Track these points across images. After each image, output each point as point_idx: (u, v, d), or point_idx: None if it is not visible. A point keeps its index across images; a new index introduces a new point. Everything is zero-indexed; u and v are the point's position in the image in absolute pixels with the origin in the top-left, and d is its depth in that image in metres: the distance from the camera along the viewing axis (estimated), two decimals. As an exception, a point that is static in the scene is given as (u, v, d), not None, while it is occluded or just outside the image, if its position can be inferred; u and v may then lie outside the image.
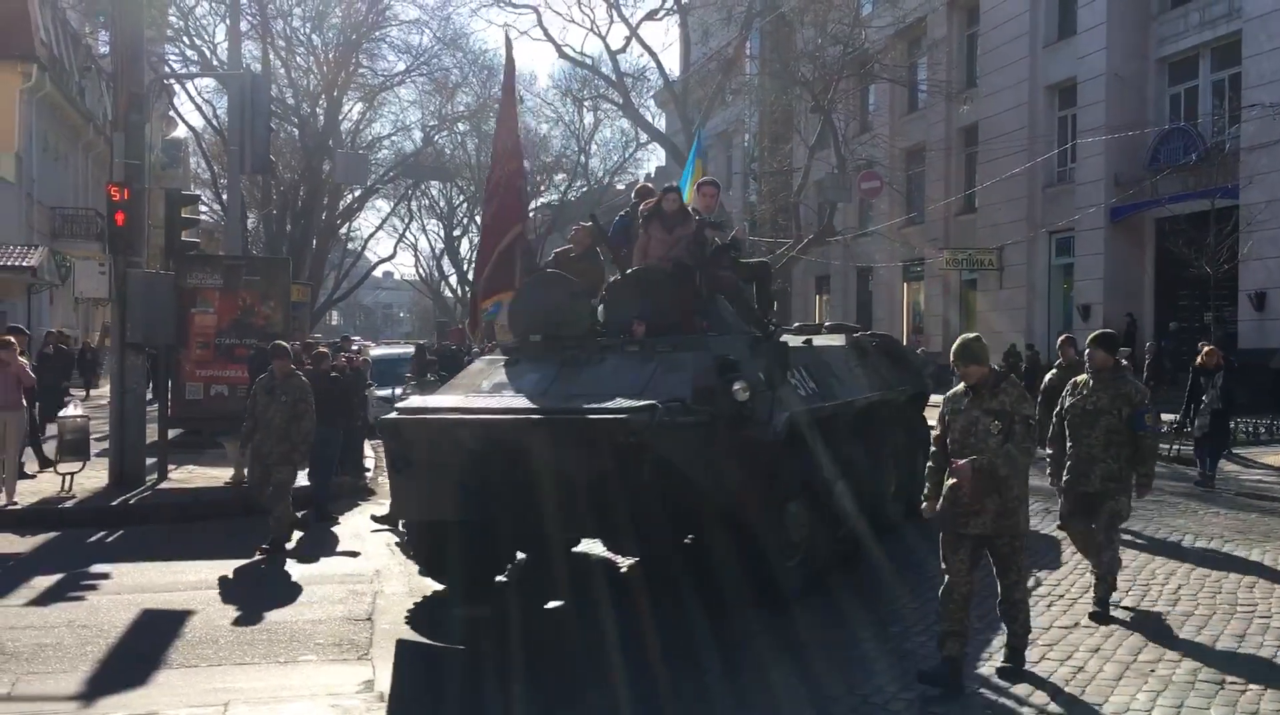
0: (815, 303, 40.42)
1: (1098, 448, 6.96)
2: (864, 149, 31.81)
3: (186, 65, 31.62)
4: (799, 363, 8.19)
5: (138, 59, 12.94)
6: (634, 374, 7.21)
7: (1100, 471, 6.96)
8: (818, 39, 27.78)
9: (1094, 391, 7.05)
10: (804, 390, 7.97)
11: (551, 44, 31.91)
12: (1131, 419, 6.90)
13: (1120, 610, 7.13)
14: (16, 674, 6.19)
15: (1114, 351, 7.15)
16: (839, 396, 8.67)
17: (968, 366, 5.77)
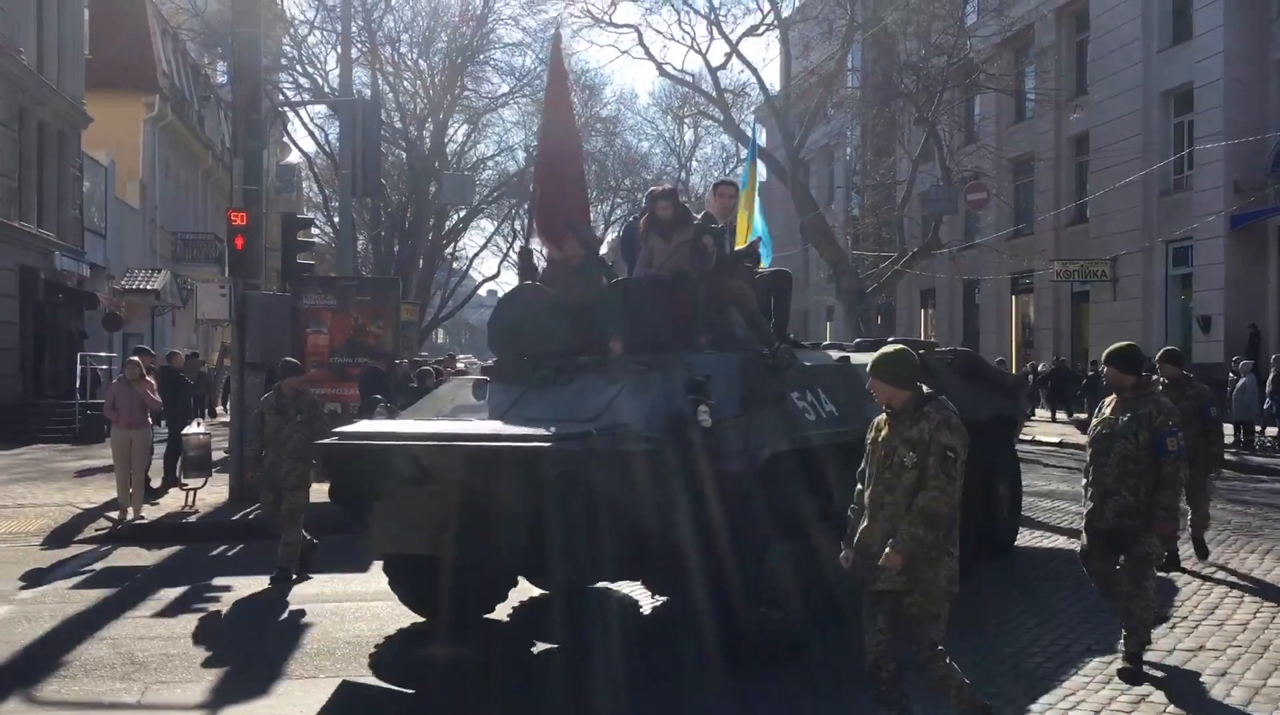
0: (920, 317, 39.81)
1: (1111, 478, 6.05)
2: (970, 160, 31.29)
3: (299, 93, 32.63)
4: (818, 384, 7.36)
5: (256, 89, 13.41)
6: (598, 396, 6.46)
7: (1113, 506, 6.04)
8: (921, 50, 27.44)
9: (1115, 413, 6.17)
10: (817, 413, 7.16)
11: (652, 62, 31.99)
12: (1152, 444, 5.94)
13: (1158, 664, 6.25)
14: (145, 683, 6.43)
15: (1131, 368, 6.27)
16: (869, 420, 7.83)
17: (886, 386, 4.86)
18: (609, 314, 7.42)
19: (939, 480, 4.64)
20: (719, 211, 8.21)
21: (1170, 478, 5.95)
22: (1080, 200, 29.94)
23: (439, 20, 34.62)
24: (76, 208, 27.58)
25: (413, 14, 34.82)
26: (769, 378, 6.91)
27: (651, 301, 7.48)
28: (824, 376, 7.55)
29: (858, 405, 7.37)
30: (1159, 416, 6.00)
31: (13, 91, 23.74)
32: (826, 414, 7.21)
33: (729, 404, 6.42)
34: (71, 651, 7.12)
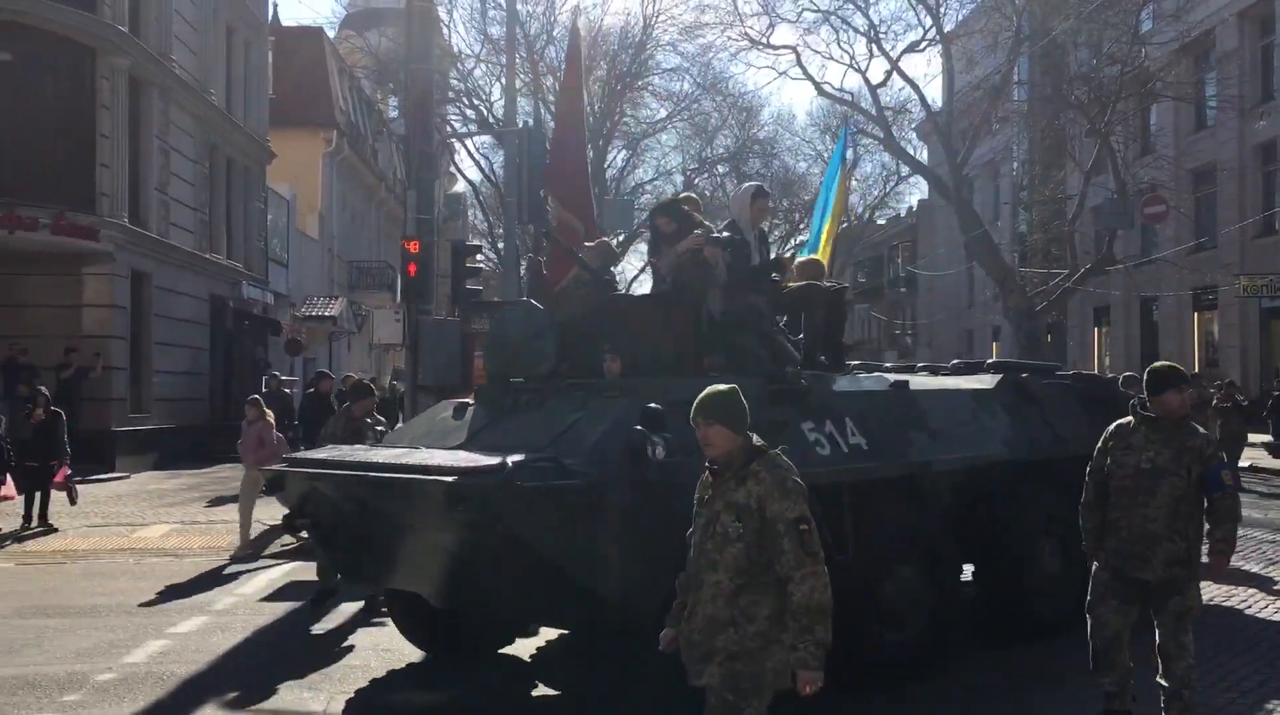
0: (1093, 336, 38.27)
1: (1159, 522, 5.28)
2: (1146, 172, 29.99)
3: (466, 124, 33.75)
4: (846, 413, 6.55)
5: (428, 123, 13.96)
6: (555, 424, 5.94)
7: (1164, 554, 5.27)
8: (1093, 59, 26.52)
9: (1151, 444, 5.37)
10: (834, 446, 6.35)
11: (810, 82, 31.77)
12: (1204, 480, 5.30)
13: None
14: (330, 692, 6.72)
15: (1184, 393, 5.49)
16: (912, 456, 6.82)
17: (707, 428, 4.03)
18: (605, 333, 6.89)
19: (806, 566, 3.81)
20: (750, 221, 7.52)
21: (1228, 511, 5.36)
22: (1269, 211, 28.30)
23: (599, 49, 35.27)
24: (261, 239, 29.17)
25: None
26: (768, 406, 6.02)
27: (647, 319, 6.93)
28: (858, 405, 6.74)
29: (901, 438, 6.81)
30: (1209, 448, 5.39)
31: (204, 130, 25.29)
32: (850, 447, 6.42)
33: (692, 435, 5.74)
34: (261, 661, 7.52)
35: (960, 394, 7.56)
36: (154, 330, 22.52)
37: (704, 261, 6.92)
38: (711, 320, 6.98)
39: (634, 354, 6.65)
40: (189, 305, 24.29)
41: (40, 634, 8.29)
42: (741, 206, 7.61)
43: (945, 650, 6.76)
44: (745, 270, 7.18)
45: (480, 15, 33.24)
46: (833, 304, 7.93)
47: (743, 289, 7.11)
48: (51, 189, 19.23)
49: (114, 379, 20.46)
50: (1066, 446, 7.62)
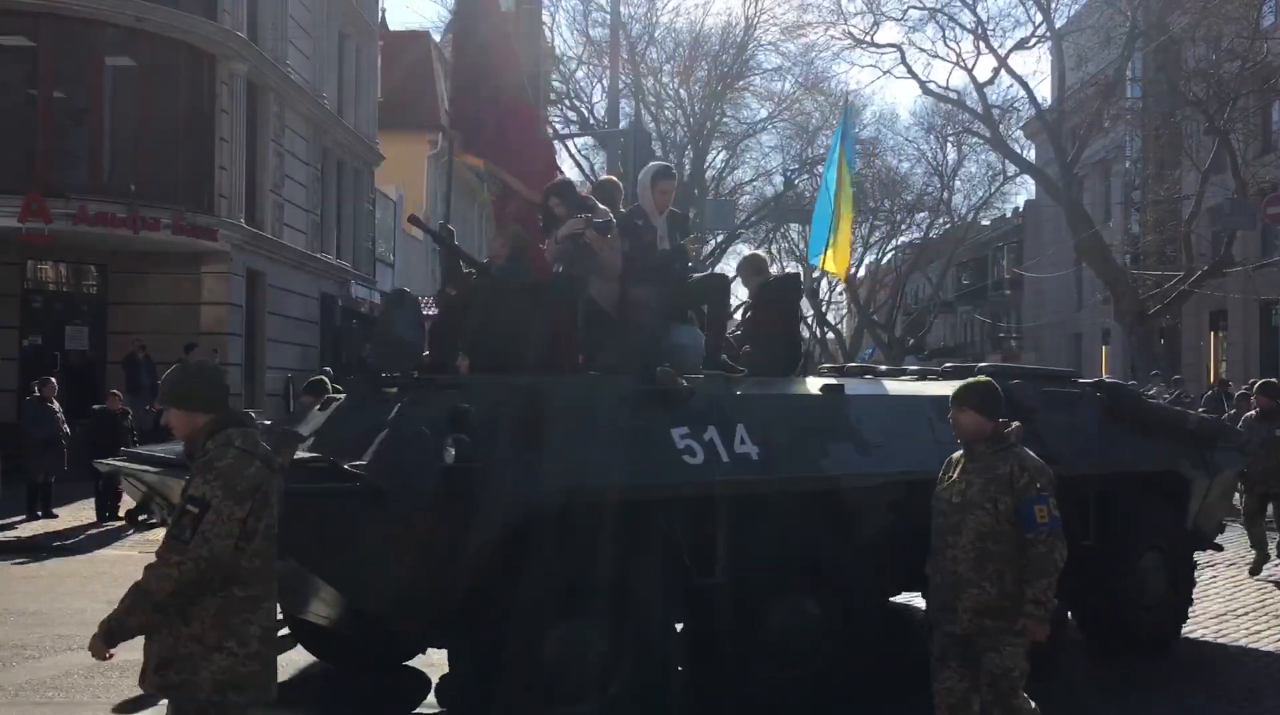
0: (1209, 341, 36.97)
1: (965, 565, 4.56)
2: (1267, 171, 28.87)
3: (568, 125, 34.06)
4: (742, 418, 5.90)
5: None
6: (365, 427, 5.50)
7: (970, 602, 4.55)
8: (1211, 55, 25.64)
9: (965, 474, 4.68)
10: (712, 455, 5.72)
11: (915, 81, 31.39)
12: (1018, 514, 4.52)
13: None
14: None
15: (991, 412, 4.71)
16: (822, 469, 6.04)
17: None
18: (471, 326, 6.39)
19: (164, 546, 3.43)
20: (654, 205, 6.91)
21: (1042, 560, 4.50)
22: (1401, 211, 27.02)
23: (700, 49, 35.33)
24: (369, 239, 29.85)
25: (675, 44, 35.68)
26: (629, 409, 5.64)
27: (505, 311, 6.21)
28: (759, 411, 6.06)
29: (813, 449, 6.08)
30: (1023, 477, 4.55)
31: (316, 133, 25.96)
32: (734, 457, 5.77)
33: (504, 439, 5.22)
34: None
35: (916, 402, 6.70)
36: (268, 328, 23.21)
37: (586, 248, 6.39)
38: (600, 313, 6.47)
39: (502, 349, 6.08)
40: (300, 304, 24.97)
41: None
42: (644, 190, 6.99)
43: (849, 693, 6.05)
44: (647, 259, 6.65)
45: (582, 17, 33.59)
46: (782, 297, 7.25)
47: (644, 279, 6.59)
48: (172, 190, 19.93)
49: (230, 375, 21.10)
50: (1056, 462, 6.48)
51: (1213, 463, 7.86)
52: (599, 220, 6.47)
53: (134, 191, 18.85)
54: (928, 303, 55.87)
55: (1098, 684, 7.05)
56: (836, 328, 57.21)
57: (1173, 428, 7.76)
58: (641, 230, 6.74)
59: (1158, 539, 7.58)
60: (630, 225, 6.75)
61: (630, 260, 6.64)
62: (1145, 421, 7.58)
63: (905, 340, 52.63)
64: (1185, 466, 7.66)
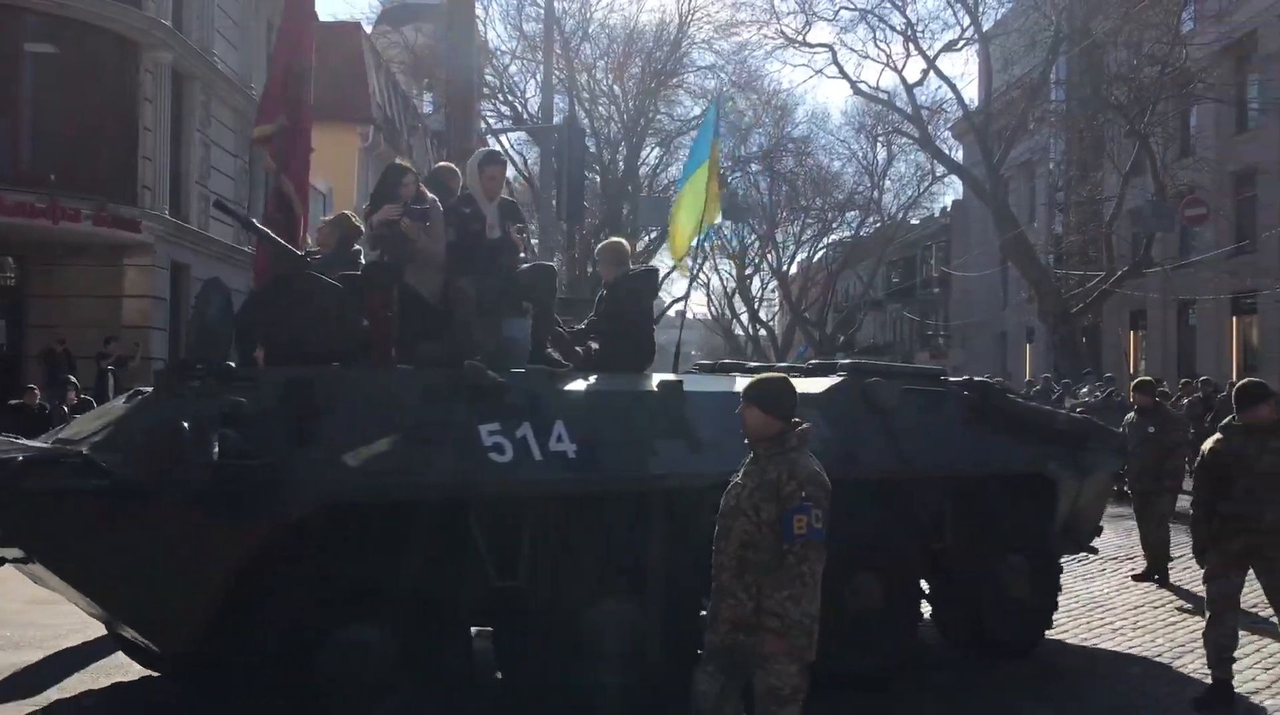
0: (1129, 340, 37.92)
1: (728, 573, 4.29)
2: (1186, 174, 29.69)
3: (501, 120, 33.88)
4: (562, 415, 5.66)
5: (467, 118, 14.02)
6: (147, 419, 5.17)
7: (728, 613, 4.29)
8: (1132, 60, 26.28)
9: (744, 478, 4.38)
10: (523, 454, 5.47)
11: (847, 81, 31.76)
12: (780, 523, 4.18)
13: None
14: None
15: (778, 411, 4.36)
16: (648, 468, 5.74)
17: None
18: (264, 317, 6.11)
19: None
20: (484, 192, 6.69)
21: (790, 572, 4.13)
22: (1311, 215, 27.96)
23: (634, 46, 35.39)
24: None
25: (609, 40, 35.70)
26: (433, 403, 5.41)
27: (312, 301, 5.89)
28: (582, 407, 5.81)
29: (642, 447, 5.79)
30: (790, 485, 4.20)
31: (244, 124, 25.50)
32: (548, 456, 5.53)
33: (280, 435, 5.00)
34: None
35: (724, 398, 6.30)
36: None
37: (402, 236, 6.15)
38: (420, 303, 6.25)
39: (304, 341, 5.77)
40: (227, 297, 24.51)
41: None
42: (472, 176, 6.77)
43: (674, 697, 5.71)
44: (474, 248, 6.41)
45: (516, 11, 33.45)
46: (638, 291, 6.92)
47: (469, 269, 6.36)
48: (94, 181, 19.48)
49: (152, 369, 20.69)
50: (911, 464, 6.66)
51: (1084, 464, 7.58)
52: (417, 207, 6.25)
53: (53, 181, 18.38)
54: (858, 300, 56.58)
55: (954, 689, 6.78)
56: (769, 325, 57.64)
57: (1041, 428, 7.51)
58: (469, 218, 6.51)
59: (1021, 541, 7.31)
60: (457, 213, 6.51)
61: (455, 249, 6.42)
62: (1013, 422, 7.32)
63: (836, 338, 53.22)
64: (1053, 468, 7.38)
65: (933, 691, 6.64)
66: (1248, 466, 6.20)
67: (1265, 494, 6.15)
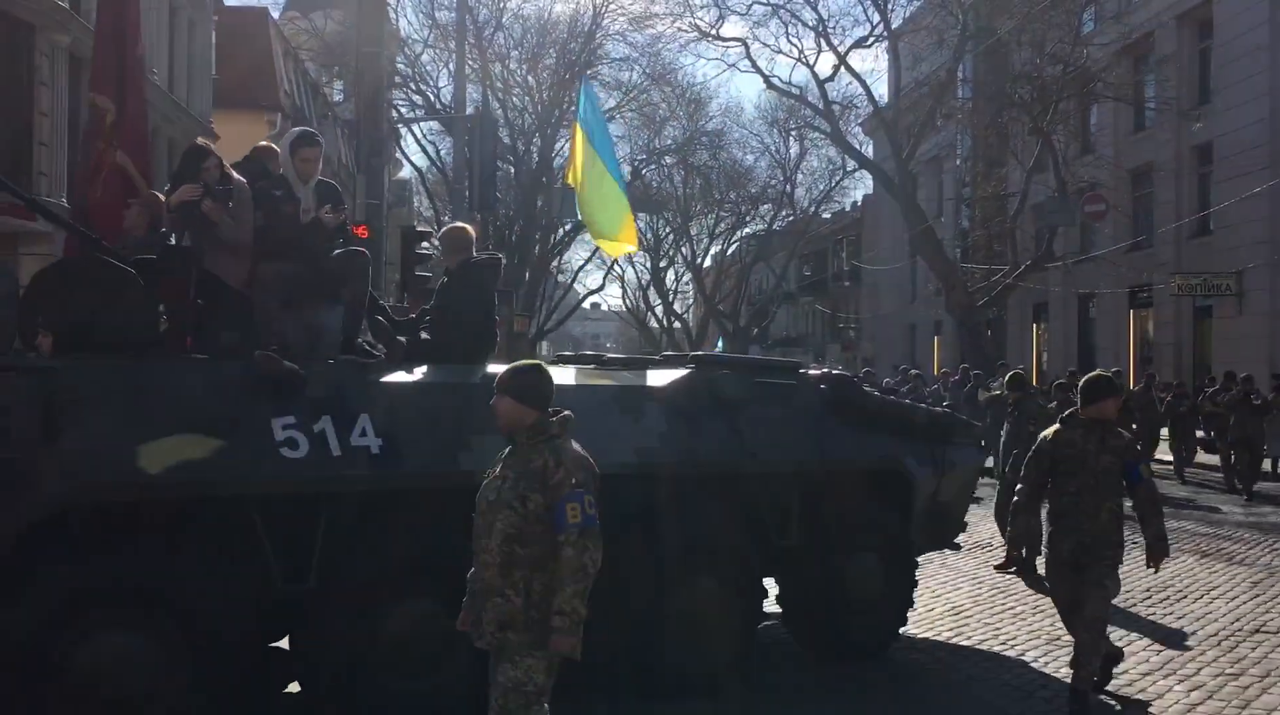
0: (1032, 332, 38.95)
1: (494, 570, 4.05)
2: (1086, 170, 30.58)
3: (413, 109, 33.50)
4: (360, 410, 5.34)
5: (378, 107, 13.84)
6: None
7: (494, 613, 4.06)
8: (1035, 59, 26.94)
9: (502, 469, 4.17)
10: (319, 450, 5.17)
11: (759, 75, 31.97)
12: (551, 513, 3.98)
13: None
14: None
15: (532, 400, 4.13)
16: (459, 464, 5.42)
17: None
18: (46, 302, 5.70)
19: None
20: (298, 173, 6.27)
21: (570, 565, 3.94)
22: (1204, 212, 28.99)
23: (548, 37, 35.26)
24: (202, 222, 28.69)
25: (523, 31, 35.51)
26: (218, 395, 5.12)
27: (92, 286, 5.53)
28: (393, 401, 5.50)
29: (455, 442, 5.48)
30: (556, 473, 4.00)
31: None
32: (348, 451, 5.23)
33: (30, 429, 4.75)
34: None
35: (600, 393, 6.14)
36: (92, 313, 22.11)
37: (203, 218, 5.81)
38: (224, 290, 5.95)
39: (90, 328, 5.39)
40: (128, 288, 23.87)
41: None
42: (284, 157, 6.37)
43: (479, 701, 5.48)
44: (284, 232, 6.08)
45: (428, 0, 33.04)
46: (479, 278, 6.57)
47: (277, 255, 6.05)
48: (-14, 167, 18.80)
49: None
50: (755, 458, 6.44)
51: (943, 459, 7.33)
52: (219, 188, 5.90)
53: (-57, 167, 17.69)
54: (771, 293, 57.19)
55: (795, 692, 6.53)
56: (684, 317, 57.95)
57: (899, 423, 7.27)
58: (280, 201, 6.12)
59: (874, 538, 7.04)
60: (266, 196, 6.13)
61: (264, 233, 6.07)
62: (869, 416, 7.08)
63: (750, 330, 53.75)
64: (909, 463, 7.13)
65: (771, 694, 6.39)
66: (1087, 463, 5.96)
67: (1102, 493, 5.94)
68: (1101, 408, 6.08)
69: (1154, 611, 8.40)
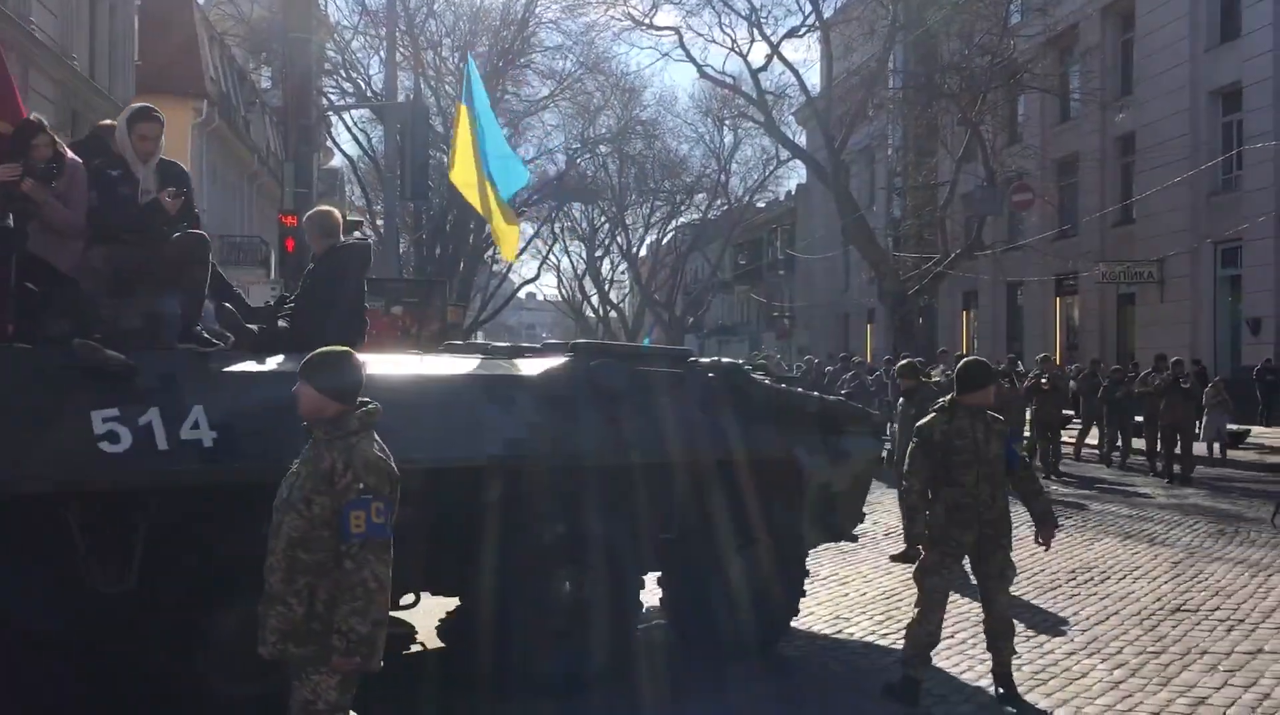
0: (962, 319, 39.56)
1: (277, 575, 3.82)
2: (1014, 160, 31.10)
3: (344, 97, 33.02)
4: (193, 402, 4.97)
5: (307, 94, 13.62)
6: None
7: (276, 621, 3.79)
8: (964, 50, 27.31)
9: (300, 466, 3.89)
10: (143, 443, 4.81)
11: (693, 64, 31.98)
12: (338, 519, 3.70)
13: None
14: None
15: (333, 390, 3.87)
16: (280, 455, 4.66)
17: None
18: None
19: None
20: (136, 152, 5.95)
21: (348, 579, 3.65)
22: (1126, 201, 29.64)
23: (481, 24, 34.98)
24: (126, 211, 28.01)
25: (455, 18, 35.16)
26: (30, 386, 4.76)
27: None
28: (232, 392, 5.13)
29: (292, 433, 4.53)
30: (344, 475, 3.70)
31: (65, 96, 24.17)
32: (176, 445, 4.87)
33: None
34: None
35: (461, 383, 5.77)
36: (11, 305, 21.49)
37: (25, 198, 5.55)
38: (52, 275, 5.69)
39: None
40: (49, 279, 23.24)
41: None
42: (121, 135, 6.03)
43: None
44: (119, 215, 5.79)
45: (359, -14, 32.54)
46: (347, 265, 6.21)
47: (110, 238, 5.78)
48: (-103, 154, 18.17)
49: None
50: (634, 450, 6.16)
51: (838, 450, 7.17)
52: (45, 167, 5.58)
53: None
54: (706, 282, 57.40)
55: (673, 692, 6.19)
56: (620, 307, 57.96)
57: (792, 412, 7.04)
58: (116, 182, 5.79)
59: (761, 532, 6.79)
60: (101, 175, 5.81)
61: (96, 215, 5.77)
62: (760, 405, 6.84)
63: (685, 319, 53.92)
64: (800, 454, 6.92)
65: (648, 692, 6.12)
66: (980, 453, 5.81)
67: (996, 481, 5.85)
68: (984, 395, 5.95)
69: (1078, 592, 8.59)
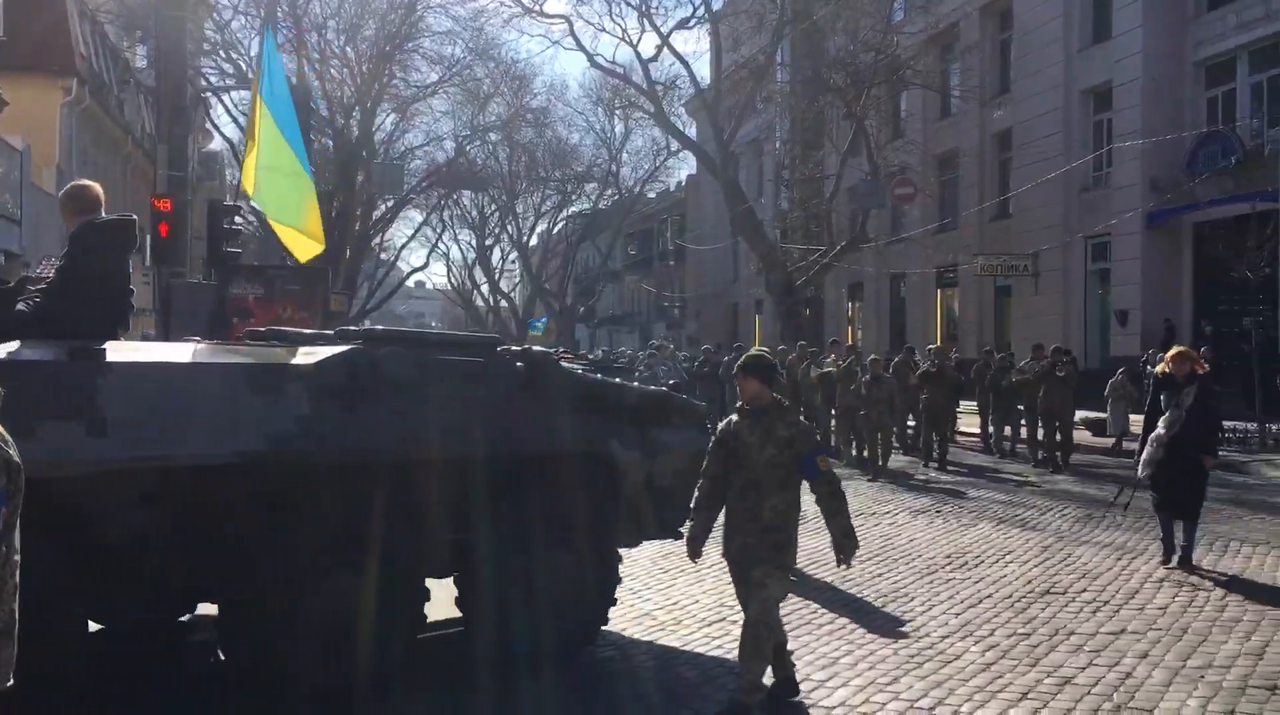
0: (848, 310, 40.34)
1: None
2: (897, 155, 31.78)
3: (223, 78, 32.09)
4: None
5: (181, 74, 13.16)
6: None
7: None
8: (849, 45, 27.78)
9: None
10: None
11: (583, 53, 31.88)
12: None
13: None
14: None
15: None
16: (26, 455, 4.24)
17: None
18: None
19: None
20: None
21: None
22: (1003, 196, 30.57)
23: (367, 7, 34.21)
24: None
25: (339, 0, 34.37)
26: None
27: None
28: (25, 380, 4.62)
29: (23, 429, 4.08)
30: None
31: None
32: None
33: None
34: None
35: (225, 371, 5.31)
36: None
37: None
38: None
39: None
40: (-96, 264, 22.06)
41: None
42: None
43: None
44: None
45: (239, -36, 31.58)
46: (107, 243, 5.71)
47: None
48: None
49: None
50: (421, 444, 5.74)
51: (656, 442, 6.69)
52: None
53: None
54: (597, 272, 57.41)
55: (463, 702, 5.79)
56: (510, 296, 57.59)
57: (607, 403, 6.58)
58: None
59: (570, 531, 6.41)
60: None
61: None
62: (572, 396, 6.42)
63: (576, 308, 53.88)
64: (614, 447, 6.49)
65: (434, 703, 5.71)
66: (750, 456, 5.37)
67: (765, 489, 5.32)
68: (743, 387, 5.53)
69: (953, 576, 8.80)
